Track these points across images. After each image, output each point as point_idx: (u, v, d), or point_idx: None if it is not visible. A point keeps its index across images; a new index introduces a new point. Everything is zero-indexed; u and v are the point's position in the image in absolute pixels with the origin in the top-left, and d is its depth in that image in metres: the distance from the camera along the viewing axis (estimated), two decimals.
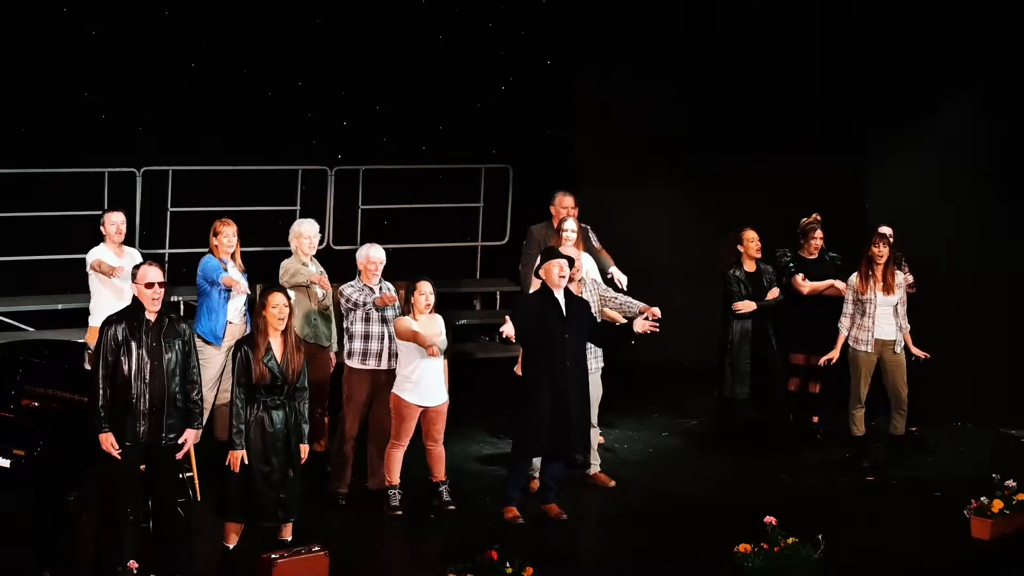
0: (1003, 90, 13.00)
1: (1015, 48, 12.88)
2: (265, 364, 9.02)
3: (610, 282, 11.62)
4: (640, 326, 10.36)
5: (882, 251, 11.47)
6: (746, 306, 11.85)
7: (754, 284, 11.91)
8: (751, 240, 11.93)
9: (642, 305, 10.70)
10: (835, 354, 11.63)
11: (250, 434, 9.01)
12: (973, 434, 12.82)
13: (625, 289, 11.59)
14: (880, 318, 11.51)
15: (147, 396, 8.68)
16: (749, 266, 11.95)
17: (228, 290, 11.01)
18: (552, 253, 10.42)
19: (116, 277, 10.87)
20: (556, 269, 10.24)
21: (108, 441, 8.64)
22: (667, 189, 15.11)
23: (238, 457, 8.98)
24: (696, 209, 15.04)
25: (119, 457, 8.64)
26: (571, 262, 10.46)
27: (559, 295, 10.24)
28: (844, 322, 11.61)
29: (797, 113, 13.88)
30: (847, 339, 11.60)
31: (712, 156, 14.65)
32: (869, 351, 11.53)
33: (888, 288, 11.50)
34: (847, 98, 13.90)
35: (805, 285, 12.13)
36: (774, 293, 11.92)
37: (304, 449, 9.22)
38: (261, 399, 9.03)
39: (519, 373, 10.45)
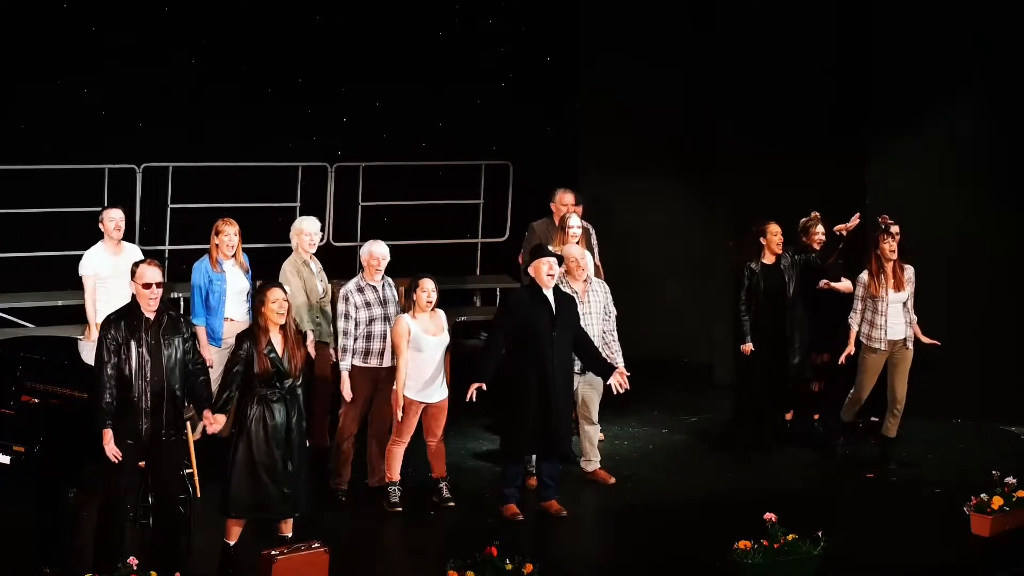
0: (1005, 88, 12.98)
1: (1017, 45, 12.86)
2: (267, 356, 9.02)
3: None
4: (614, 379, 10.45)
5: (892, 247, 11.46)
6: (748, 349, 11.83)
7: (771, 278, 11.83)
8: (775, 234, 11.85)
9: (620, 367, 10.68)
10: (851, 349, 11.59)
11: (252, 427, 9.00)
12: (973, 431, 12.81)
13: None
14: (891, 316, 11.50)
15: (148, 394, 8.68)
16: (768, 259, 11.88)
17: (223, 290, 11.06)
18: (541, 251, 10.42)
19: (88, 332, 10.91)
20: (545, 267, 10.25)
21: (109, 436, 8.63)
22: (668, 186, 15.09)
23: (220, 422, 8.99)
24: (697, 206, 15.01)
25: (119, 456, 8.64)
26: (560, 260, 10.47)
27: (548, 293, 10.24)
28: (855, 318, 11.57)
29: (798, 111, 13.84)
30: (859, 336, 11.57)
31: (713, 153, 14.62)
32: (883, 349, 11.51)
33: (899, 284, 11.50)
34: (848, 95, 13.87)
35: (839, 286, 12.10)
36: (849, 287, 11.88)
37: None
38: (260, 393, 9.03)
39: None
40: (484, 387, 10.14)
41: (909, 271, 11.59)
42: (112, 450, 8.62)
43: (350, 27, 14.88)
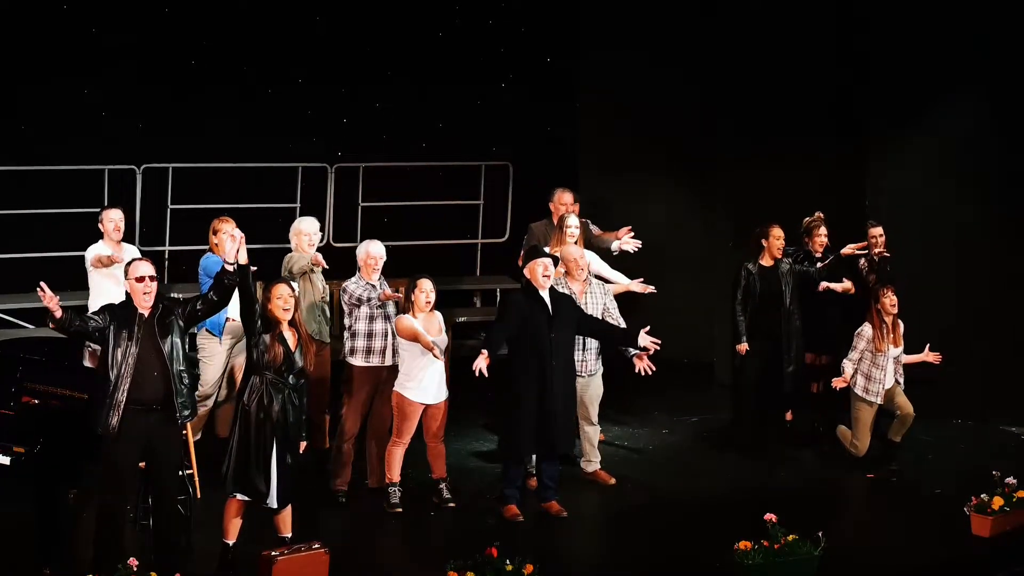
0: (1005, 88, 12.99)
1: (1017, 45, 12.87)
2: (280, 346, 9.01)
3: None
4: (644, 340, 10.39)
5: (893, 302, 11.40)
6: (743, 349, 11.85)
7: (767, 280, 11.83)
8: (777, 237, 11.84)
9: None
10: (844, 383, 11.46)
11: (252, 408, 8.98)
12: (973, 431, 12.82)
13: (639, 245, 11.92)
14: (888, 369, 11.46)
15: (127, 389, 8.60)
16: (767, 261, 11.88)
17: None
18: (536, 252, 10.40)
19: (117, 262, 10.82)
20: (540, 268, 10.23)
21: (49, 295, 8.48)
22: (667, 186, 15.10)
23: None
24: (697, 206, 15.03)
25: (54, 305, 8.46)
26: (555, 260, 10.46)
27: (545, 294, 10.23)
28: (849, 367, 11.44)
29: (799, 111, 13.86)
30: (853, 386, 11.45)
31: (712, 153, 14.63)
32: (879, 402, 11.48)
33: (897, 339, 11.48)
34: (848, 95, 13.89)
35: (838, 286, 12.08)
36: (849, 288, 11.90)
37: (302, 445, 9.21)
38: (267, 377, 9.01)
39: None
40: (488, 362, 9.99)
41: (902, 325, 11.56)
42: (50, 302, 8.47)
43: (350, 27, 14.88)
